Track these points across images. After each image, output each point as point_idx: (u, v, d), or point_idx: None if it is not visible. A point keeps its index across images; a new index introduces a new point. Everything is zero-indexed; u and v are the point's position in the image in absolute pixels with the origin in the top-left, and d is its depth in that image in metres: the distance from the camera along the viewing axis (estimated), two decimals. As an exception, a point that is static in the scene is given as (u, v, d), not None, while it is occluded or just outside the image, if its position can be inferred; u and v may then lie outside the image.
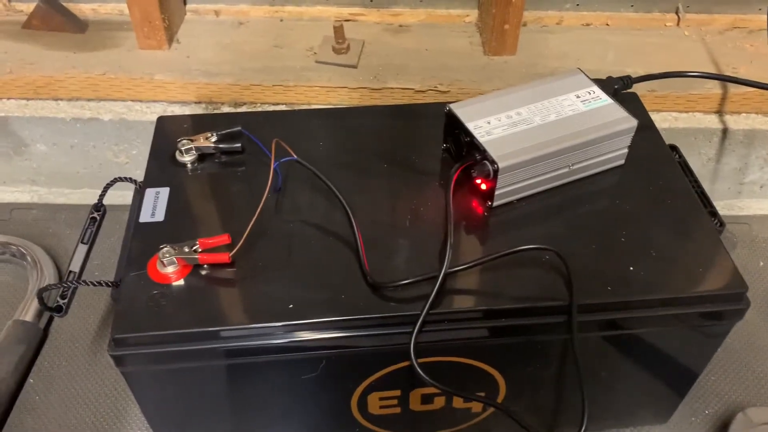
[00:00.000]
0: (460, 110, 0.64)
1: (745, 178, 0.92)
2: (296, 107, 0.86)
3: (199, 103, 0.86)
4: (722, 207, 0.95)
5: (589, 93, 0.66)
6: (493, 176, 0.60)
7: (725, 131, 0.86)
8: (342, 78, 0.86)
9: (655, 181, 0.65)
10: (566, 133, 0.62)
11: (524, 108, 0.64)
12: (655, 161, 0.67)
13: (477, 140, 0.61)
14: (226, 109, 0.86)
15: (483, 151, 0.60)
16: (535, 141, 0.61)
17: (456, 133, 0.64)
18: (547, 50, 0.90)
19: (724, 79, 0.77)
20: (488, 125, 0.62)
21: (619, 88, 0.69)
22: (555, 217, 0.62)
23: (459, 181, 0.63)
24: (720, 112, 0.87)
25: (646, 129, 0.70)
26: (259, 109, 0.86)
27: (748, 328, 0.81)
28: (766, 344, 0.80)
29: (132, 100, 0.87)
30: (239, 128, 0.67)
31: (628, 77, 0.69)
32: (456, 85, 0.85)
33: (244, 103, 0.87)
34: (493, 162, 0.59)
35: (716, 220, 0.64)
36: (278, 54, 0.89)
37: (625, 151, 0.65)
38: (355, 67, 0.87)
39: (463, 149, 0.64)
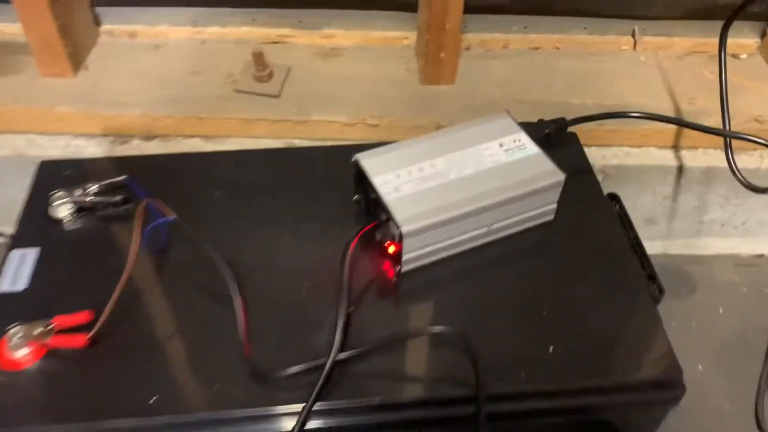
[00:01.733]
0: (368, 161, 0.57)
1: (704, 216, 0.85)
2: (212, 140, 0.79)
3: (107, 136, 0.79)
4: (681, 246, 0.88)
5: (515, 141, 0.58)
6: (398, 240, 0.53)
7: (681, 168, 0.79)
8: (262, 109, 0.78)
9: (587, 239, 0.58)
10: (484, 190, 0.55)
11: (440, 159, 0.57)
12: (589, 215, 0.60)
13: (382, 198, 0.54)
14: (136, 143, 0.79)
15: (388, 212, 0.53)
16: (448, 199, 0.54)
17: (364, 186, 0.57)
18: (489, 78, 0.83)
19: (668, 120, 0.69)
20: (397, 179, 0.55)
21: (551, 133, 0.62)
22: (471, 284, 0.55)
23: (369, 242, 0.56)
24: (676, 147, 0.80)
25: (582, 175, 0.63)
26: (171, 143, 0.79)
27: (702, 388, 0.74)
28: (721, 404, 0.73)
29: (34, 133, 0.79)
30: (125, 177, 0.60)
31: (562, 120, 0.62)
32: (388, 117, 0.78)
33: (156, 136, 0.79)
34: (397, 225, 0.52)
35: (655, 286, 0.57)
36: (195, 81, 0.82)
37: (554, 206, 0.58)
38: (277, 96, 0.79)
39: (371, 205, 0.57)
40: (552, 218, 0.59)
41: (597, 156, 0.78)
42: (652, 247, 0.87)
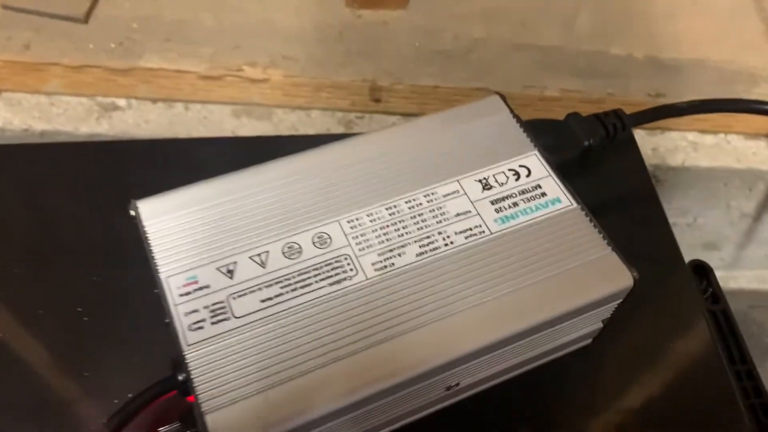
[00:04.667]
0: (158, 222, 0.23)
1: (796, 242, 0.54)
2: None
3: None
4: (749, 279, 0.57)
5: (515, 173, 0.25)
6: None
7: (781, 174, 0.47)
8: (54, 45, 0.44)
9: (656, 381, 0.26)
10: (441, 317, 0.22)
11: (338, 222, 0.23)
12: (660, 324, 0.28)
13: (177, 336, 0.21)
14: None
15: (187, 374, 0.20)
16: (352, 357, 0.21)
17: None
18: (464, 2, 0.48)
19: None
20: (227, 283, 0.22)
21: (595, 145, 0.28)
22: None
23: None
24: (774, 136, 0.47)
25: (649, 215, 0.31)
26: None
27: None
28: None
29: None
30: None
31: (617, 114, 0.29)
32: (284, 67, 0.44)
33: None
34: (201, 411, 0.19)
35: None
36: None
37: (599, 326, 0.26)
38: (83, 22, 0.44)
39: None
40: (589, 342, 0.27)
41: (645, 149, 0.46)
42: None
